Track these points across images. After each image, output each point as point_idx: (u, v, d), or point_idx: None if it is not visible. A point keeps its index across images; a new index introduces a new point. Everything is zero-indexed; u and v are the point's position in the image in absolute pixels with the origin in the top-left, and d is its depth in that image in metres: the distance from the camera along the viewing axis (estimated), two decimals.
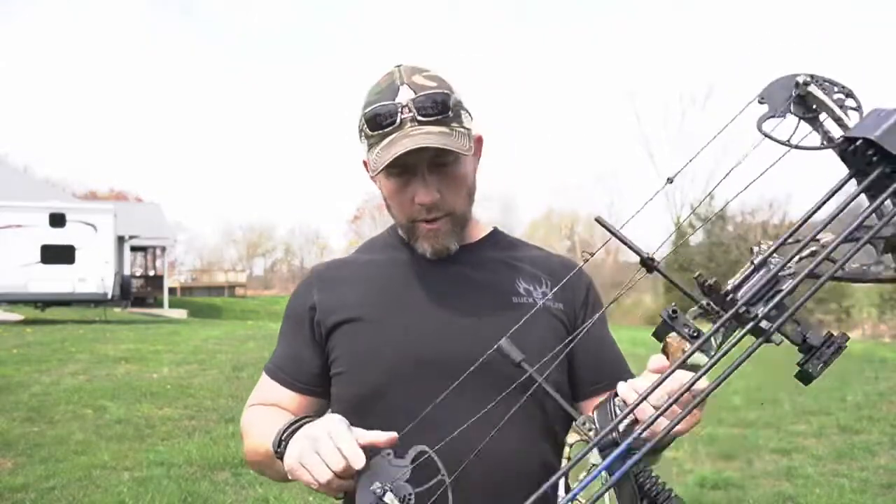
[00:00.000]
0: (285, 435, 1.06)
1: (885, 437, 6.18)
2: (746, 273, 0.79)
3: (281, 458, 1.05)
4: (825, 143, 0.83)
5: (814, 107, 0.85)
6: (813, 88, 0.83)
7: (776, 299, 0.75)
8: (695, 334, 0.83)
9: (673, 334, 0.85)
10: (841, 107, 0.84)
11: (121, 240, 22.14)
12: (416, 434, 1.03)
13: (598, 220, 0.83)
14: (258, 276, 51.73)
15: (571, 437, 0.95)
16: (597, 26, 72.18)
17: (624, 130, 70.23)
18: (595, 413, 0.95)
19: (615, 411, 0.93)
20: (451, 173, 1.19)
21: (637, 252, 0.84)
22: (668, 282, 0.86)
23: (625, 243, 0.84)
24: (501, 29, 75.65)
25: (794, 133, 0.84)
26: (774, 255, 0.79)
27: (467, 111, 1.21)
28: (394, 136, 1.13)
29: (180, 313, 23.94)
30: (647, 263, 0.83)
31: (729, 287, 0.79)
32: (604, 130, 72.34)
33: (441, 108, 1.14)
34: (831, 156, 0.82)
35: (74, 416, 6.30)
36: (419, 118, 1.13)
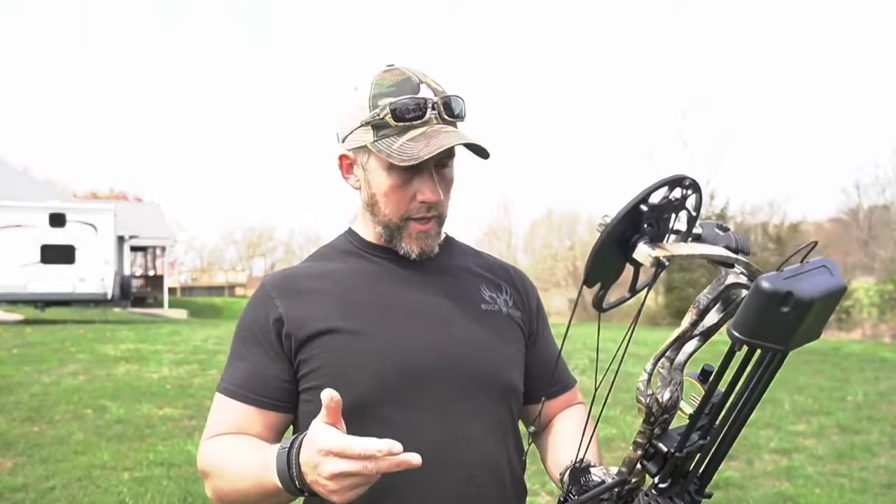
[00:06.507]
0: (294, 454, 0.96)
1: (885, 437, 6.18)
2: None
3: (299, 489, 0.96)
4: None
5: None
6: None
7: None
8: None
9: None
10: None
11: (121, 240, 22.15)
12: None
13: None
14: (258, 276, 51.64)
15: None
16: (597, 26, 72.21)
17: (624, 129, 70.27)
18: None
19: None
20: (448, 176, 1.21)
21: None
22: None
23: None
24: (501, 26, 75.68)
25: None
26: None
27: None
28: (423, 129, 1.13)
29: (180, 313, 23.95)
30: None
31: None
32: (604, 130, 72.33)
33: (460, 111, 1.19)
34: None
35: (74, 416, 6.29)
36: (444, 116, 1.16)
